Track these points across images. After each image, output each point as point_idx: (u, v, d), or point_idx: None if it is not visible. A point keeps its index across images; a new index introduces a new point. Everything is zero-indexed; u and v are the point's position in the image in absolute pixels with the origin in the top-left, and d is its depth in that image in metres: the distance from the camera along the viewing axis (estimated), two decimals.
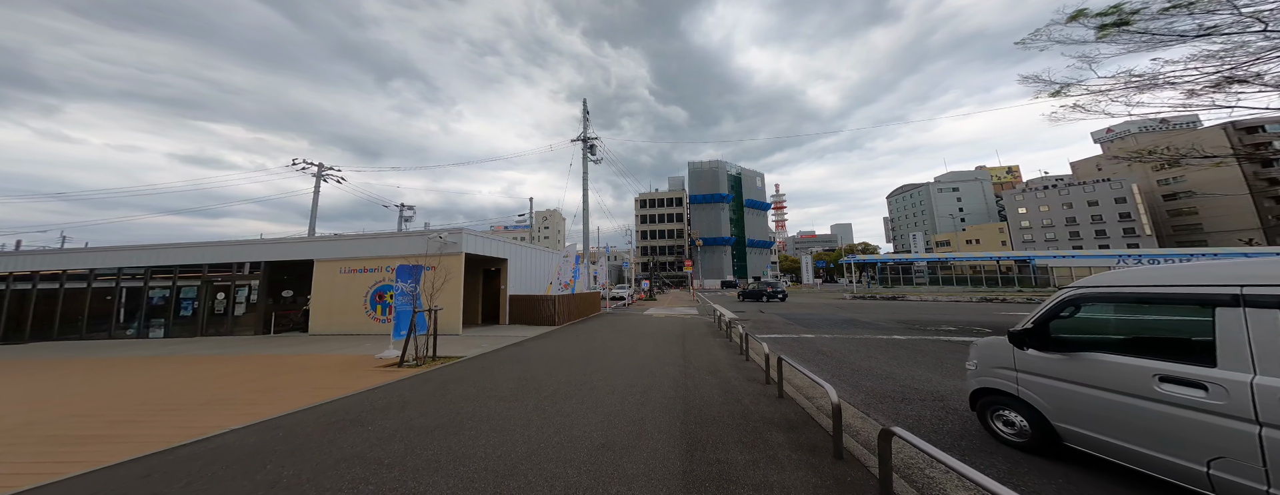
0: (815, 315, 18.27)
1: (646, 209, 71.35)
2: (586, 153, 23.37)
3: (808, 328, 13.90)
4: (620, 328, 14.38)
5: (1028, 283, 34.32)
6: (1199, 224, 67.37)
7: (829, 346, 10.17)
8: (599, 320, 17.11)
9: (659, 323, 16.11)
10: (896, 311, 19.18)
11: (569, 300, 15.13)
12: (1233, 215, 64.46)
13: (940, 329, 12.72)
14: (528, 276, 15.84)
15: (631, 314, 20.68)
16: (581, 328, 14.42)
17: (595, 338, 11.86)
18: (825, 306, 23.56)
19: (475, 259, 14.32)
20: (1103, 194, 67.01)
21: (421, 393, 6.00)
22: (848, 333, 12.38)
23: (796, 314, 19.08)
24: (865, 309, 21.08)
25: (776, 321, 16.32)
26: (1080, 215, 68.60)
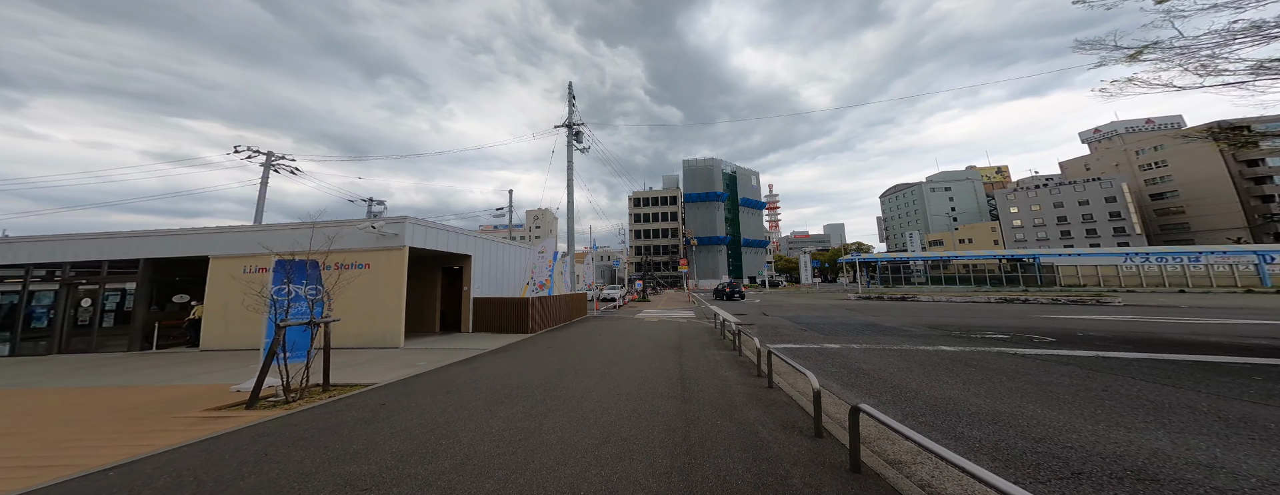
0: (827, 319, 15.87)
1: (640, 208, 68.90)
2: (571, 139, 20.85)
3: (826, 334, 11.49)
4: (605, 336, 11.88)
5: (1033, 281, 32.30)
6: (1186, 223, 66.25)
7: (867, 362, 7.74)
8: (582, 326, 14.59)
9: (651, 329, 13.63)
10: (916, 314, 16.84)
11: (545, 304, 12.62)
12: (1218, 214, 63.37)
13: (988, 337, 10.34)
14: (498, 276, 13.33)
15: (621, 318, 18.17)
16: (559, 336, 11.91)
17: (570, 351, 9.35)
18: (832, 308, 21.20)
19: (430, 256, 11.78)
20: (1093, 193, 65.70)
21: (225, 465, 3.47)
22: (878, 342, 9.98)
23: (806, 317, 16.67)
24: (879, 311, 18.73)
25: (785, 326, 13.89)
26: (1071, 214, 67.27)
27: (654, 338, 11.35)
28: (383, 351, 9.03)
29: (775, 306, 23.10)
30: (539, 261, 12.52)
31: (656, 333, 12.45)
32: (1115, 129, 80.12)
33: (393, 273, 9.45)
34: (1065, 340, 9.40)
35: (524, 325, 11.70)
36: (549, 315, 13.04)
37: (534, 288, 12.63)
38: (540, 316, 12.31)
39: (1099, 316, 14.20)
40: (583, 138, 21.70)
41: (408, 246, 9.54)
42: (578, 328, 14.01)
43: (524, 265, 13.82)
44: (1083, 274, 31.84)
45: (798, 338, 11.15)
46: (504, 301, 11.89)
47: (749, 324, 14.83)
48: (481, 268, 12.50)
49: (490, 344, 10.19)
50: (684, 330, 13.09)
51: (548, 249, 12.53)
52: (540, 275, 12.64)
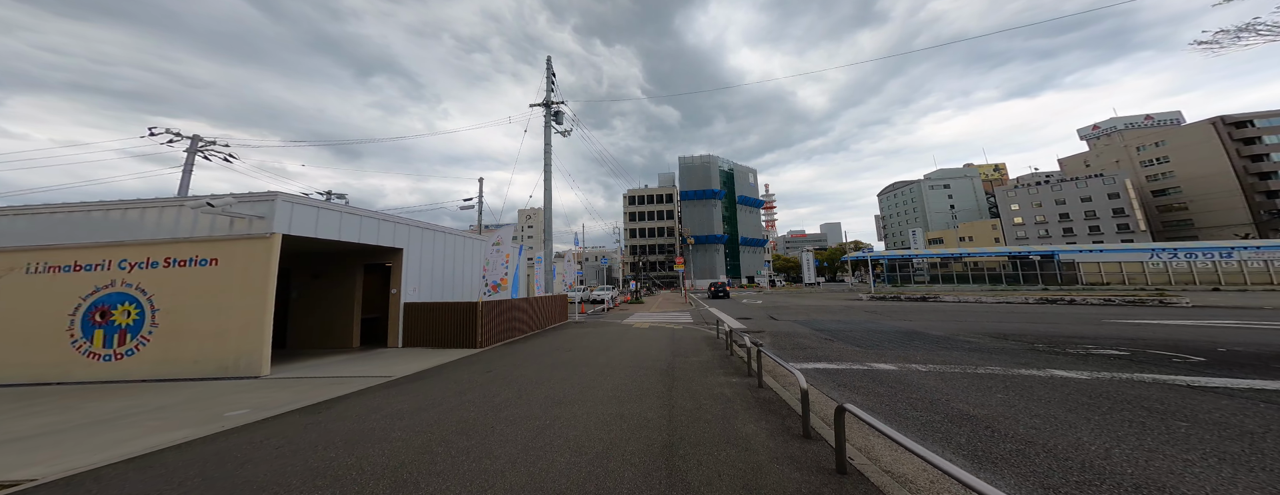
0: (850, 324, 13.00)
1: (636, 206, 65.98)
2: (549, 120, 17.94)
3: (862, 347, 8.61)
4: (577, 350, 8.98)
5: (1053, 279, 29.57)
6: (1189, 219, 63.88)
7: (961, 398, 4.86)
8: (555, 336, 11.68)
9: (638, 339, 10.73)
10: (956, 317, 13.99)
11: (503, 309, 9.68)
12: (1223, 210, 61.03)
13: (1096, 354, 7.48)
14: (446, 275, 10.42)
15: (608, 323, 15.24)
16: (516, 351, 9.00)
17: (515, 378, 6.45)
18: (849, 310, 18.32)
19: (347, 252, 8.86)
20: (1096, 189, 63.33)
21: None
22: (945, 359, 7.12)
23: (823, 322, 13.79)
24: (906, 313, 15.87)
25: (803, 334, 10.99)
26: (1074, 211, 64.87)
27: (639, 353, 8.44)
28: (235, 384, 6.07)
29: (781, 308, 20.21)
30: (493, 256, 9.62)
31: (644, 345, 9.55)
32: (1114, 125, 77.96)
33: (254, 271, 6.49)
34: (1219, 360, 6.55)
35: (470, 337, 8.77)
36: (508, 323, 10.10)
37: (486, 289, 9.69)
38: (494, 325, 9.38)
39: (1192, 322, 11.38)
40: (563, 119, 18.81)
41: (279, 234, 6.58)
42: (547, 338, 11.08)
43: (480, 262, 10.88)
44: (1106, 271, 29.13)
45: (827, 352, 8.26)
46: (446, 308, 9.01)
47: (758, 331, 11.94)
48: (419, 265, 9.57)
49: (410, 366, 7.26)
50: (679, 340, 10.19)
51: (504, 241, 9.61)
52: (494, 274, 9.73)
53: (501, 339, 9.81)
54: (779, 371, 6.52)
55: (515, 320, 10.53)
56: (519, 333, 10.88)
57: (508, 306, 10.02)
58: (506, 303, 10.03)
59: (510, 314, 10.22)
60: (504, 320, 9.86)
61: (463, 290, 10.70)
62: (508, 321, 10.06)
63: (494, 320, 9.39)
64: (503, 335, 9.88)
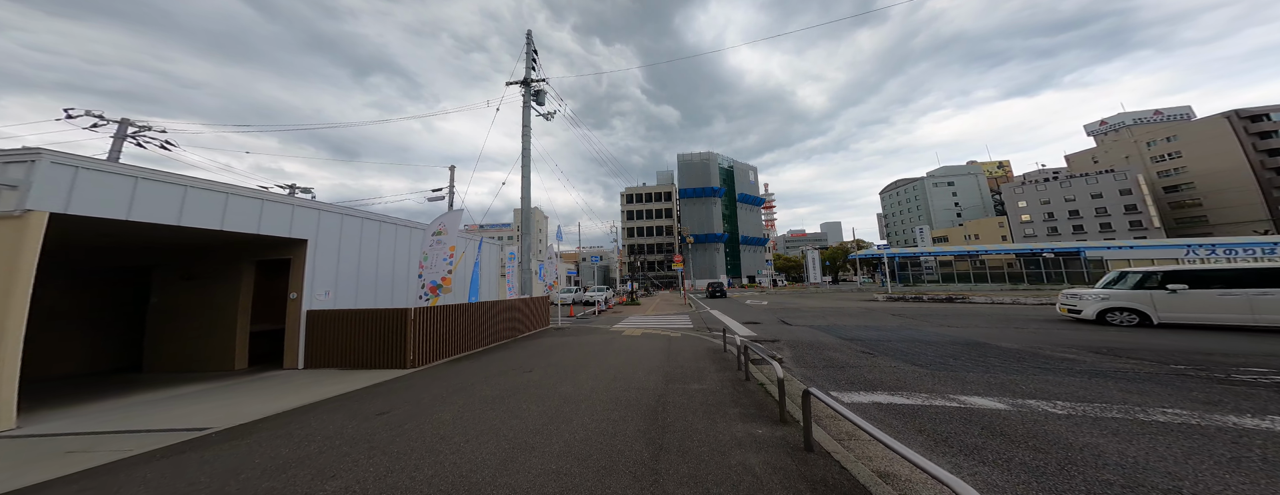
0: (884, 331, 10.69)
1: (633, 204, 63.68)
2: (528, 100, 15.66)
3: (922, 365, 6.30)
4: (540, 373, 6.68)
5: (1080, 278, 27.23)
6: (1203, 215, 61.56)
7: (1194, 478, 2.53)
8: (522, 348, 9.38)
9: (626, 352, 8.42)
10: (1008, 322, 11.68)
11: (449, 317, 7.30)
12: (1238, 206, 58.73)
13: (1273, 380, 5.18)
14: (374, 274, 8.01)
15: (593, 330, 12.94)
16: (456, 374, 6.71)
17: (417, 430, 4.17)
18: (869, 312, 16.00)
19: (231, 243, 6.54)
20: (1106, 185, 61.04)
21: None
22: (1071, 391, 4.81)
23: (848, 328, 11.48)
24: (946, 318, 13.55)
25: (831, 345, 8.66)
26: (1084, 208, 62.58)
27: (621, 376, 6.13)
28: None
29: (791, 311, 17.88)
30: (432, 250, 7.25)
31: (631, 361, 7.24)
32: (1123, 121, 75.73)
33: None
34: None
35: (398, 354, 6.46)
36: (459, 334, 7.77)
37: (424, 292, 7.33)
38: (436, 338, 7.05)
39: None
40: (545, 99, 16.53)
41: (42, 213, 4.25)
42: (512, 351, 8.78)
43: (426, 256, 8.44)
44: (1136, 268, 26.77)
45: (878, 374, 5.94)
46: (364, 317, 6.78)
47: (772, 340, 9.63)
48: (337, 261, 7.25)
49: (276, 403, 4.97)
50: (676, 354, 7.88)
51: (448, 230, 7.23)
52: (433, 272, 7.35)
53: (448, 354, 7.51)
54: (827, 413, 4.21)
55: (470, 329, 8.20)
56: (475, 345, 8.56)
57: (458, 313, 7.70)
58: (457, 309, 7.70)
59: (462, 322, 7.90)
60: (452, 330, 7.55)
61: (407, 294, 8.39)
62: (458, 331, 7.74)
63: (435, 331, 7.08)
64: (450, 349, 7.56)
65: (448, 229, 7.56)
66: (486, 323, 8.97)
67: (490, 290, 11.88)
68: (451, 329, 7.51)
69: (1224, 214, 60.23)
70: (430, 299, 7.38)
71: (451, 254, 7.51)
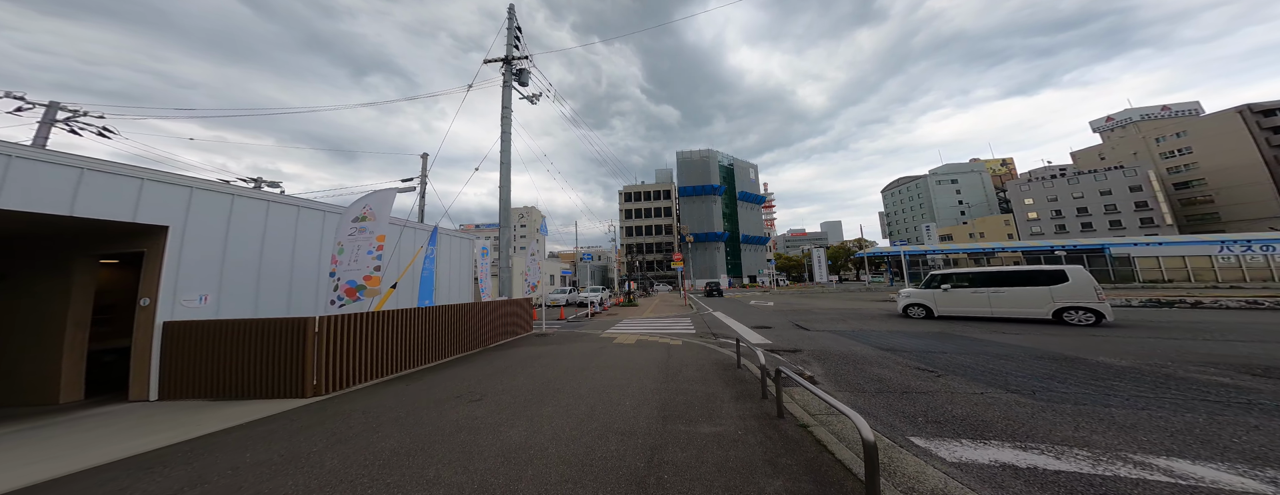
0: (923, 337, 8.88)
1: (632, 203, 61.86)
2: (509, 79, 13.93)
3: (1028, 395, 4.51)
4: (492, 403, 4.91)
5: (1105, 277, 25.44)
6: (1215, 212, 59.76)
7: None
8: (485, 363, 7.60)
9: (613, 368, 6.61)
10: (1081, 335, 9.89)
11: (369, 328, 5.56)
12: (1252, 202, 56.92)
13: None
14: (276, 272, 6.53)
15: (581, 337, 11.14)
16: (375, 403, 4.93)
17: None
18: (893, 315, 14.20)
19: (55, 228, 4.64)
20: (1116, 182, 59.33)
21: None
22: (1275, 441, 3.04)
23: (881, 335, 9.67)
24: (989, 321, 11.76)
25: (874, 359, 6.85)
26: (1092, 205, 60.86)
27: (601, 409, 4.33)
28: None
29: (803, 313, 16.07)
30: (353, 239, 5.40)
31: (618, 383, 5.44)
32: (1129, 117, 74.01)
33: None
34: None
35: (297, 379, 4.65)
36: (396, 348, 5.93)
37: (338, 294, 5.44)
38: (357, 354, 5.21)
39: None
40: (528, 79, 14.79)
41: None
42: (471, 367, 6.97)
43: (352, 250, 6.27)
44: (1167, 267, 24.98)
45: (964, 405, 4.13)
46: (251, 330, 4.95)
47: (793, 350, 7.83)
48: (221, 255, 5.38)
49: (101, 451, 3.21)
50: (676, 372, 6.07)
51: (375, 215, 5.36)
52: (353, 268, 5.45)
53: (377, 374, 5.70)
54: (935, 486, 2.41)
55: (415, 341, 6.39)
56: (425, 359, 6.76)
57: (391, 322, 5.86)
58: (389, 317, 5.85)
59: (402, 333, 6.08)
60: (382, 344, 5.73)
61: (306, 298, 6.49)
62: (392, 345, 5.93)
63: (355, 346, 5.27)
64: (380, 368, 5.76)
65: (375, 213, 5.73)
66: (441, 332, 7.17)
67: (457, 291, 10.07)
68: (382, 342, 5.70)
69: (1236, 211, 58.48)
70: (346, 303, 5.56)
71: (380, 245, 5.69)
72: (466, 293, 10.62)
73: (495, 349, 8.79)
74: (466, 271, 10.53)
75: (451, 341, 7.54)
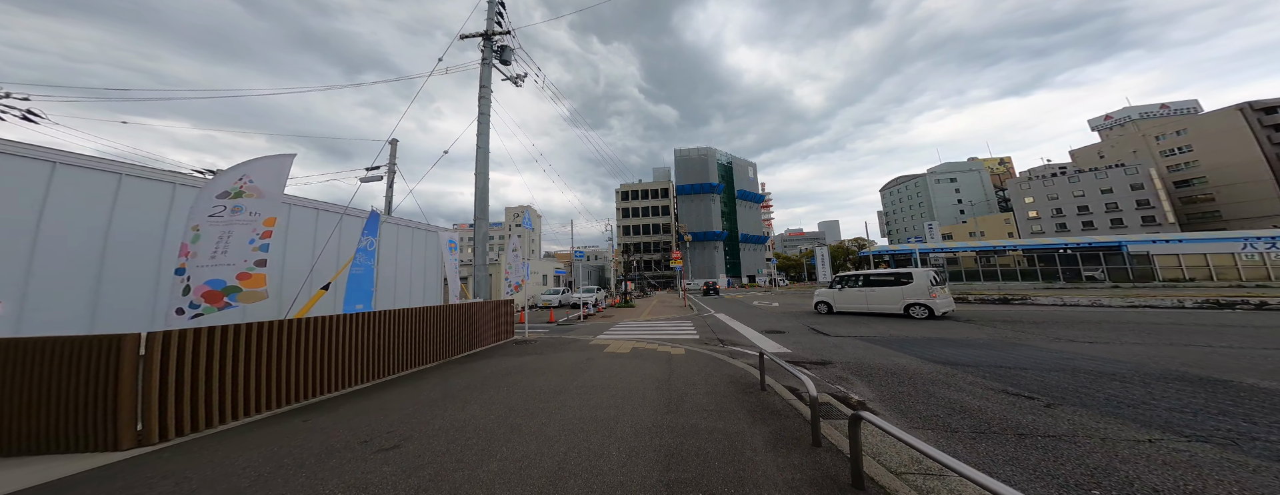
0: (987, 348, 7.36)
1: (630, 202, 60.27)
2: (490, 56, 12.42)
3: (1205, 435, 2.98)
4: (399, 463, 3.31)
5: (1123, 276, 24.10)
6: (1216, 211, 58.87)
7: None
8: (441, 381, 6.02)
9: (601, 388, 5.05)
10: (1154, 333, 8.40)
11: (239, 345, 3.87)
12: (1255, 201, 56.03)
13: None
14: (146, 271, 4.81)
15: (567, 344, 9.58)
16: (224, 464, 3.35)
17: None
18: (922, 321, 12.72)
19: None
20: (1117, 180, 58.34)
21: None
22: None
23: (915, 341, 8.17)
24: (1055, 326, 10.26)
25: (929, 376, 5.30)
26: (1093, 203, 59.84)
27: (570, 470, 2.75)
28: None
29: (816, 315, 14.55)
30: (216, 222, 3.74)
31: (600, 421, 3.86)
32: (1128, 115, 73.22)
33: None
34: None
35: (107, 424, 3.01)
36: (296, 370, 4.27)
37: (187, 300, 3.73)
38: (225, 384, 3.60)
39: None
40: (511, 56, 13.27)
41: None
42: (409, 391, 5.39)
43: (203, 234, 4.13)
44: (1188, 265, 23.67)
45: (1141, 465, 2.59)
46: (42, 352, 3.10)
47: (821, 362, 6.28)
48: (30, 245, 3.84)
49: None
50: (681, 395, 4.51)
51: (263, 189, 3.68)
52: (219, 263, 3.75)
53: (270, 405, 4.09)
54: None
55: (328, 359, 4.78)
56: (350, 381, 5.16)
57: (287, 334, 4.21)
58: (283, 328, 4.19)
59: (304, 348, 4.47)
60: (270, 365, 4.09)
61: (132, 308, 4.71)
62: (290, 365, 4.31)
63: (222, 370, 3.65)
64: (271, 397, 4.12)
65: (259, 188, 4.06)
66: (379, 343, 5.57)
67: (419, 292, 8.44)
68: (272, 363, 4.07)
69: (1238, 209, 57.60)
70: (206, 311, 3.91)
71: (267, 232, 4.08)
72: (433, 294, 8.99)
73: (459, 362, 7.19)
74: (432, 269, 8.90)
75: (399, 354, 5.95)
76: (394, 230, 8.52)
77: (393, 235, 8.26)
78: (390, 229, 8.14)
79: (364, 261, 5.69)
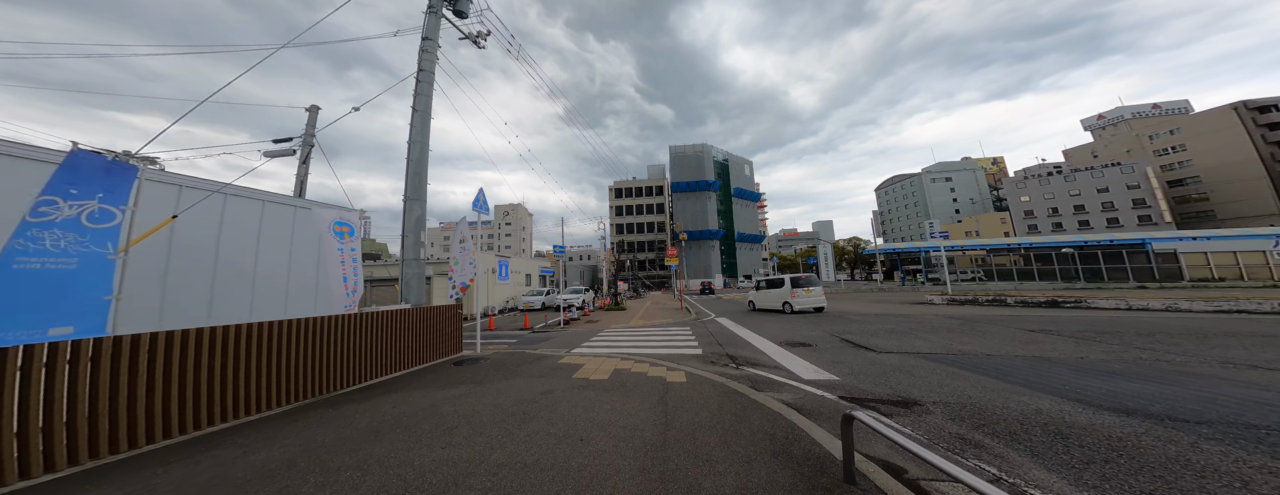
0: (1127, 375, 5.00)
1: (623, 199, 57.76)
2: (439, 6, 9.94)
3: None
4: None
5: (1148, 275, 22.12)
6: (1210, 210, 57.80)
7: None
8: (242, 456, 3.48)
9: (533, 474, 2.51)
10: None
11: None
12: (1248, 200, 54.99)
13: None
14: None
15: (531, 363, 7.11)
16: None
17: None
18: (973, 325, 10.44)
19: None
20: (1113, 179, 57.10)
21: None
22: None
23: (1009, 363, 5.82)
24: (1147, 339, 7.96)
25: (1127, 442, 2.89)
26: (1089, 202, 58.57)
27: None
28: None
29: (837, 319, 12.23)
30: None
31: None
32: (1121, 114, 72.30)
33: None
34: None
35: None
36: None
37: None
38: None
39: None
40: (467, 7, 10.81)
41: None
42: (149, 481, 2.86)
43: None
44: (1217, 264, 21.74)
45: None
46: None
47: (899, 401, 3.81)
48: None
49: None
50: (683, 491, 2.04)
51: None
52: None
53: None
54: None
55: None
56: (77, 456, 2.67)
57: None
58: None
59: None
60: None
61: None
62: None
63: None
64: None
65: None
66: (154, 388, 3.09)
67: (276, 298, 5.65)
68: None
69: (1232, 208, 56.60)
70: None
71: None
72: (304, 297, 6.15)
73: (340, 400, 4.68)
74: (305, 260, 6.07)
75: (210, 400, 3.46)
76: (227, 202, 5.22)
77: (214, 210, 5.11)
78: (185, 197, 4.80)
79: (84, 248, 2.96)
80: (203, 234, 4.84)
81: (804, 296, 13.48)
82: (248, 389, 3.83)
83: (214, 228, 4.88)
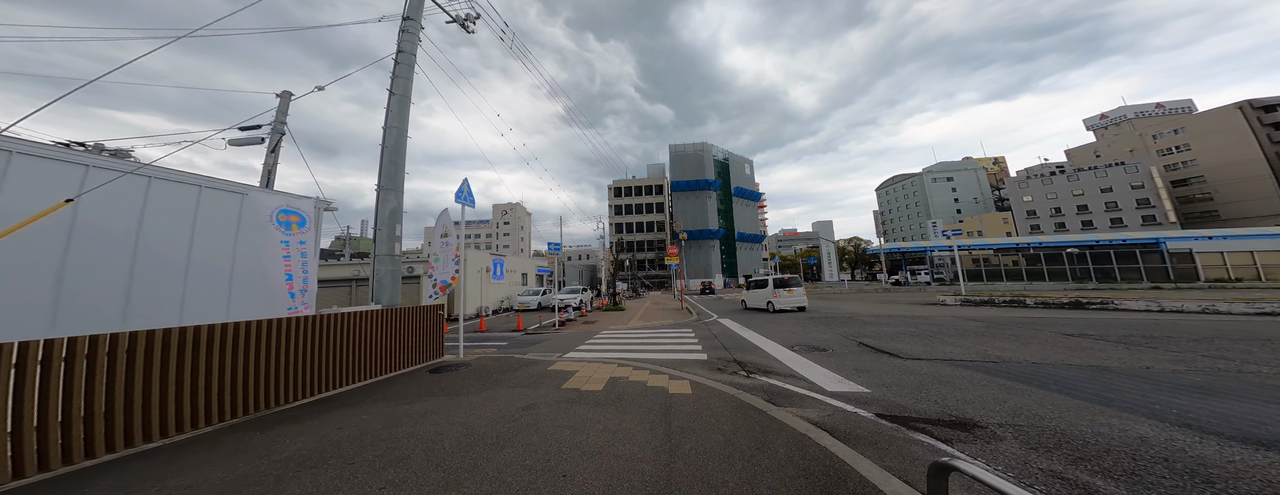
0: (1222, 393, 4.22)
1: (623, 199, 56.98)
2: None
3: None
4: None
5: (1163, 275, 21.37)
6: (1214, 210, 57.09)
7: None
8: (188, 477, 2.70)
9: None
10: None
11: None
12: (1254, 199, 54.27)
13: None
14: None
15: (518, 369, 6.35)
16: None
17: None
18: (999, 328, 9.70)
19: None
20: (1117, 179, 56.36)
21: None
22: None
23: (1055, 372, 5.07)
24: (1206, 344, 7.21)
25: None
26: (1093, 202, 57.84)
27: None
28: None
29: (845, 320, 11.46)
30: None
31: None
32: (1124, 114, 71.60)
33: None
34: None
35: None
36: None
37: None
38: None
39: None
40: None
41: None
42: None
43: None
44: (1233, 264, 20.98)
45: None
46: None
47: (956, 423, 3.02)
48: None
49: None
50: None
51: None
52: None
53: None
54: None
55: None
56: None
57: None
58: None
59: None
60: None
61: None
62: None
63: None
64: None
65: None
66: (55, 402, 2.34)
67: (237, 296, 4.69)
68: None
69: (1237, 208, 55.89)
70: None
71: None
72: (252, 297, 5.20)
73: (267, 423, 3.92)
74: (251, 255, 5.09)
75: (128, 418, 2.71)
76: (139, 183, 4.37)
77: (135, 195, 4.29)
78: (93, 178, 3.97)
79: None
80: (118, 222, 4.06)
81: (785, 296, 14.17)
82: (148, 410, 3.07)
83: (134, 215, 4.10)
